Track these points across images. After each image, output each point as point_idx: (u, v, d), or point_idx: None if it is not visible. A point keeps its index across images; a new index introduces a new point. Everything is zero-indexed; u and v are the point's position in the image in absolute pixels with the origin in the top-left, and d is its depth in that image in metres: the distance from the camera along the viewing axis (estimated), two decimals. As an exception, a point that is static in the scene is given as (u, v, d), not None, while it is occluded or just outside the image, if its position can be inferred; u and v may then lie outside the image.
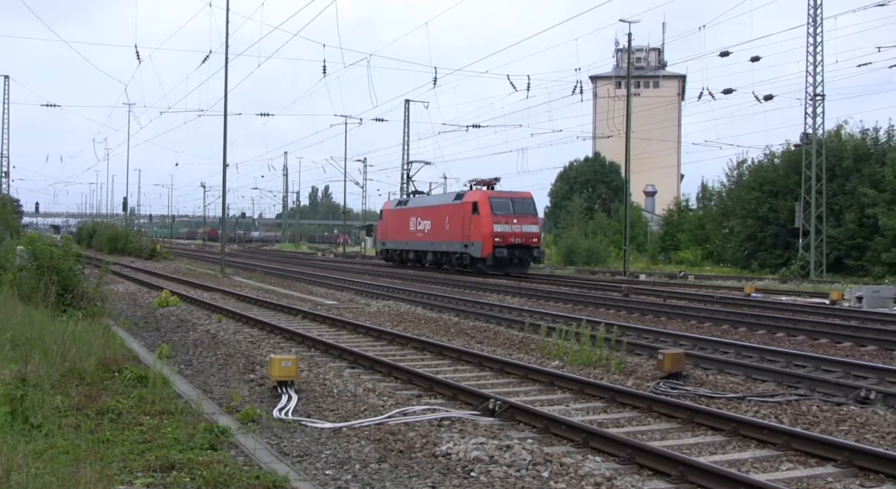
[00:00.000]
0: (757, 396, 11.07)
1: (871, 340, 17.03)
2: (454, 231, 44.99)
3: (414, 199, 54.38)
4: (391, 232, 54.37)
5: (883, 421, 9.69)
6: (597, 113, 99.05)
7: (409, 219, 51.06)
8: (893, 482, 7.35)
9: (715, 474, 7.13)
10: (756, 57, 41.06)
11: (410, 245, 51.34)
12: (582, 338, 14.35)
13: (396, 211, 54.17)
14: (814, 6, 44.79)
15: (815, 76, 45.18)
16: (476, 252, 42.71)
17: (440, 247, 47.13)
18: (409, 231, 51.21)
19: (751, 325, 19.72)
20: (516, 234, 42.14)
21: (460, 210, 44.56)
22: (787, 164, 52.01)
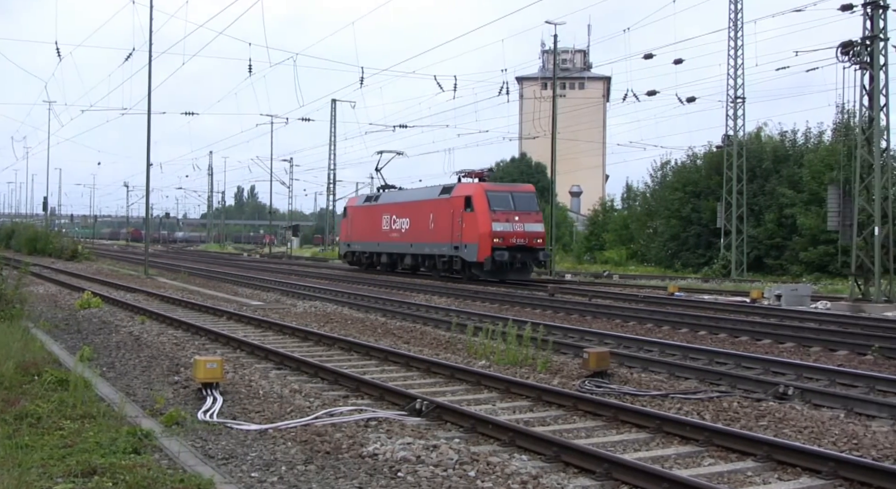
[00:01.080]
0: (680, 393, 11.24)
1: (790, 337, 17.43)
2: (441, 230, 38.69)
3: (387, 194, 47.18)
4: (358, 232, 48.03)
5: (800, 416, 9.91)
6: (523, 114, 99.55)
7: (381, 216, 44.73)
8: (810, 475, 7.53)
9: (639, 471, 7.23)
10: (679, 59, 41.60)
11: (383, 247, 45.05)
12: (508, 337, 14.43)
13: (365, 208, 47.77)
14: (735, 11, 45.66)
15: (736, 79, 46.08)
16: (470, 255, 36.58)
17: (422, 249, 40.75)
18: (380, 230, 44.89)
19: (674, 324, 20.04)
20: (518, 233, 36.26)
21: (448, 206, 38.29)
22: (709, 165, 52.97)
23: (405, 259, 42.81)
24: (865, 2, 26.62)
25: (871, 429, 9.45)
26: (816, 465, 7.59)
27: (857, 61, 26.50)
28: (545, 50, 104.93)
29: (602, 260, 63.08)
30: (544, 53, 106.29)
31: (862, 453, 8.31)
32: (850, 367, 13.72)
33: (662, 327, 19.80)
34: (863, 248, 26.73)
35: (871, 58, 26.40)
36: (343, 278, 39.27)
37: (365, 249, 47.34)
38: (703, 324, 19.73)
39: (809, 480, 7.43)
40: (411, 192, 45.47)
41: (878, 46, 26.37)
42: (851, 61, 26.56)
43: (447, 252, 38.34)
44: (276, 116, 70.12)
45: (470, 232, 36.46)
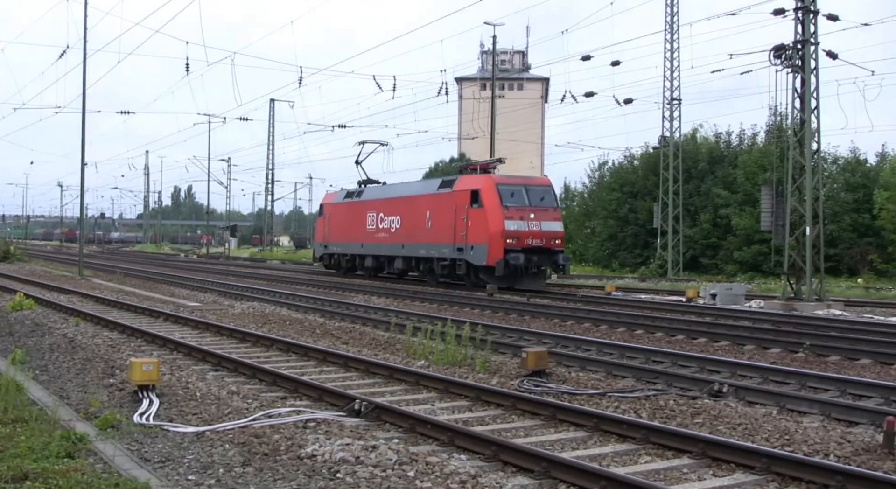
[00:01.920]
0: (617, 392, 11.35)
1: (724, 336, 17.70)
2: (440, 230, 33.91)
3: (372, 189, 42.13)
4: (337, 232, 43.10)
5: (734, 413, 10.07)
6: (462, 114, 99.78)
7: (366, 214, 39.96)
8: (744, 471, 7.65)
9: (577, 469, 7.28)
10: (616, 61, 41.95)
11: (368, 249, 40.06)
12: (447, 337, 14.46)
13: (346, 205, 42.68)
14: (671, 14, 46.26)
15: (672, 81, 46.69)
16: (478, 258, 31.64)
17: (416, 251, 35.81)
18: (364, 230, 40.05)
19: (611, 323, 20.23)
20: (535, 233, 31.32)
21: (450, 201, 33.50)
22: (645, 165, 53.60)
23: (395, 262, 37.86)
24: (797, 7, 27.10)
25: (803, 424, 9.64)
26: (750, 461, 7.71)
27: (789, 65, 26.98)
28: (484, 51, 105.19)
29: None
30: (483, 54, 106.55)
31: (794, 448, 8.47)
32: (783, 365, 13.98)
33: (600, 326, 19.98)
34: (795, 248, 27.22)
35: (803, 61, 26.90)
36: (281, 279, 39.00)
37: (345, 251, 42.63)
38: (640, 323, 19.95)
39: (743, 476, 7.55)
40: (403, 186, 40.63)
41: (809, 50, 26.88)
42: (784, 65, 27.03)
43: (448, 254, 33.49)
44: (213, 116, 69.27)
45: (477, 231, 31.70)
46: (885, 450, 8.08)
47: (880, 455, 8.05)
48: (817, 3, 27.16)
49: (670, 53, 46.36)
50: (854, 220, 44.52)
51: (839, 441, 8.71)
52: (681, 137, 48.99)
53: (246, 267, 54.35)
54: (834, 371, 13.61)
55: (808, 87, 27.00)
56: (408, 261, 37.01)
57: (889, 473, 7.45)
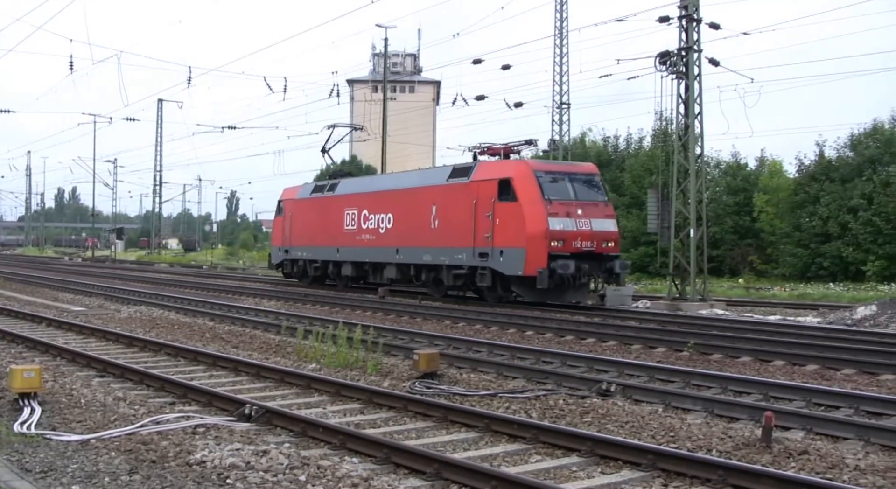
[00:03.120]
0: (508, 393, 11.47)
1: (612, 336, 18.05)
2: (453, 230, 27.25)
3: (352, 182, 35.46)
4: (302, 233, 36.38)
5: (622, 411, 10.28)
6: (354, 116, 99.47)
7: (343, 212, 33.36)
8: (630, 468, 7.82)
9: (468, 469, 7.34)
10: (507, 65, 42.45)
11: (346, 253, 33.28)
12: (339, 340, 14.40)
13: (315, 201, 35.88)
14: (560, 19, 46.97)
15: (562, 85, 47.41)
16: (511, 266, 25.08)
17: (416, 256, 29.04)
18: (340, 231, 33.39)
19: (502, 325, 20.43)
20: (584, 234, 25.03)
21: (467, 194, 26.81)
22: (535, 168, 54.19)
23: (385, 271, 30.77)
24: (681, 15, 27.80)
25: (687, 421, 9.89)
26: (637, 458, 7.88)
27: (674, 71, 27.67)
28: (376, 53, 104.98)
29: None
30: (375, 56, 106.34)
31: (678, 445, 8.68)
32: (668, 364, 14.32)
33: (491, 328, 20.15)
34: (680, 249, 27.92)
35: (687, 68, 27.61)
36: (169, 282, 38.26)
37: (314, 257, 35.66)
38: (531, 324, 20.19)
39: (630, 473, 7.71)
40: (396, 176, 33.93)
41: (693, 57, 27.60)
42: (668, 71, 27.71)
43: (466, 261, 26.72)
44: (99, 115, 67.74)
45: (510, 232, 25.17)
46: (763, 444, 8.35)
47: (759, 449, 8.32)
48: (700, 12, 27.91)
49: (559, 58, 47.08)
50: (735, 222, 45.97)
51: (721, 436, 8.96)
52: (570, 141, 49.78)
53: (133, 270, 53.12)
54: (716, 369, 14.01)
55: (692, 93, 27.73)
56: (404, 268, 30.06)
57: (766, 466, 7.71)
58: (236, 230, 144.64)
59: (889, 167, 39.75)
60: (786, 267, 42.49)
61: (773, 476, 7.04)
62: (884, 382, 12.94)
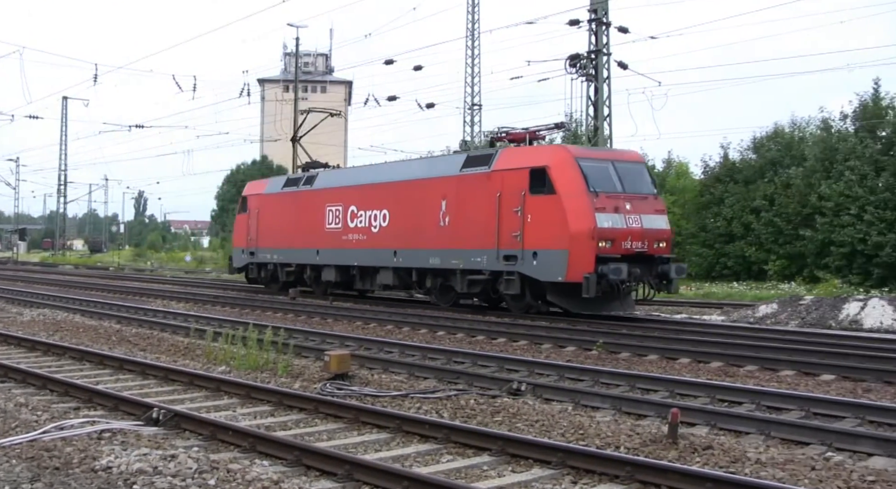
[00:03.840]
0: (419, 393, 11.49)
1: (523, 336, 18.22)
2: (470, 229, 23.43)
3: (334, 173, 31.39)
4: (272, 233, 32.24)
5: (532, 410, 10.38)
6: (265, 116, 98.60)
7: (324, 208, 29.37)
8: (541, 466, 7.90)
9: (380, 470, 7.34)
10: (419, 66, 42.57)
11: (329, 256, 29.19)
12: (249, 342, 14.26)
13: (288, 196, 31.76)
14: (472, 21, 47.24)
15: (473, 87, 47.69)
16: (548, 271, 21.28)
17: (421, 259, 25.13)
18: (322, 230, 29.41)
19: (414, 325, 20.46)
20: (635, 232, 21.24)
21: (489, 186, 22.97)
22: (447, 169, 54.38)
23: (379, 276, 27.03)
24: (590, 19, 28.22)
25: (596, 419, 10.04)
26: (547, 457, 7.97)
27: (584, 74, 28.09)
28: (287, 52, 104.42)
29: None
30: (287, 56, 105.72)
31: (587, 443, 8.81)
32: (578, 363, 14.52)
33: (403, 329, 20.16)
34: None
35: (596, 70, 28.03)
36: (74, 284, 37.41)
37: (286, 260, 31.55)
38: (442, 324, 20.25)
39: (540, 471, 7.80)
40: (393, 166, 29.29)
41: (602, 60, 28.04)
42: (578, 73, 28.13)
43: (487, 265, 22.91)
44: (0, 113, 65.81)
45: (546, 230, 21.37)
46: (669, 440, 8.52)
47: (665, 445, 8.48)
48: (609, 16, 28.36)
49: (471, 59, 47.40)
50: (643, 222, 46.64)
51: (629, 433, 9.11)
52: (481, 142, 50.06)
53: (36, 272, 51.80)
54: (625, 367, 14.24)
55: (601, 96, 28.18)
56: (403, 274, 26.26)
57: (673, 461, 7.87)
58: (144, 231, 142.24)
59: (789, 169, 40.90)
60: (692, 266, 43.36)
61: (678, 471, 7.19)
62: (784, 378, 13.31)
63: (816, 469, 7.67)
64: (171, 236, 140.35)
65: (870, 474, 7.49)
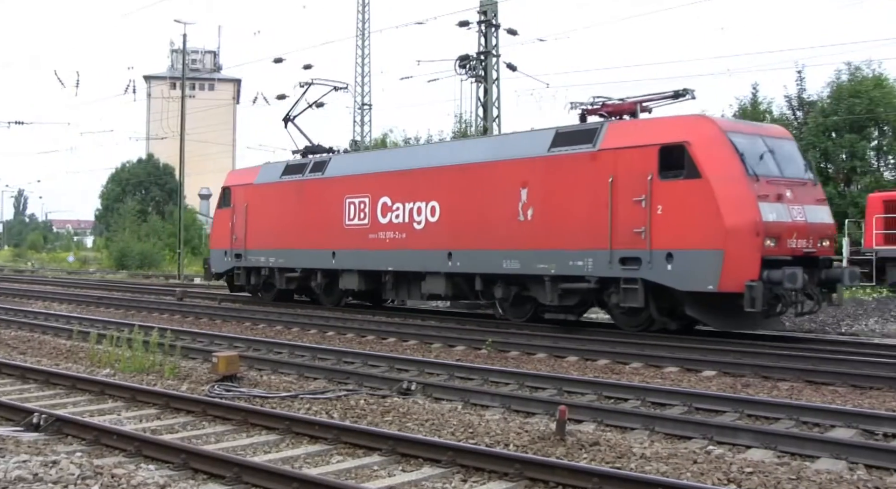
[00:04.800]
0: (309, 394, 11.43)
1: (413, 335, 18.29)
2: (567, 223, 18.64)
3: (354, 158, 26.25)
4: (266, 231, 26.84)
5: (422, 409, 10.43)
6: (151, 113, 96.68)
7: (343, 200, 24.17)
8: (431, 465, 7.94)
9: (269, 472, 7.28)
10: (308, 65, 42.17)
11: (348, 259, 23.93)
12: (134, 344, 13.97)
13: (288, 187, 26.34)
14: (362, 20, 47.13)
15: (364, 86, 47.57)
16: (691, 278, 16.65)
17: (491, 263, 20.06)
18: (337, 227, 24.28)
19: (303, 325, 20.35)
20: (800, 228, 16.97)
21: (596, 168, 18.19)
22: (337, 169, 54.20)
23: (425, 284, 21.77)
24: (480, 20, 28.45)
25: (486, 418, 10.14)
26: (437, 455, 8.01)
27: (473, 75, 28.31)
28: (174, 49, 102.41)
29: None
30: (174, 53, 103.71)
31: (477, 441, 8.88)
32: (467, 362, 14.64)
33: (292, 329, 20.04)
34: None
35: (486, 72, 28.28)
36: None
37: (288, 263, 25.97)
38: (332, 325, 20.19)
39: (431, 470, 7.84)
40: (442, 148, 24.71)
41: (491, 61, 28.31)
42: (468, 74, 28.33)
43: (594, 271, 18.04)
44: None
45: (687, 225, 16.77)
46: (557, 437, 8.66)
47: (554, 442, 8.62)
48: (499, 18, 28.65)
49: (361, 59, 47.25)
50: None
51: (518, 431, 9.22)
52: (371, 142, 50.03)
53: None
54: (514, 366, 14.42)
55: (490, 97, 28.42)
56: (461, 281, 21.24)
57: (560, 458, 8.00)
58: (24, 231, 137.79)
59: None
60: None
61: (566, 467, 7.32)
62: (668, 375, 13.65)
63: (698, 462, 7.89)
64: (52, 236, 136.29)
65: (748, 466, 7.74)
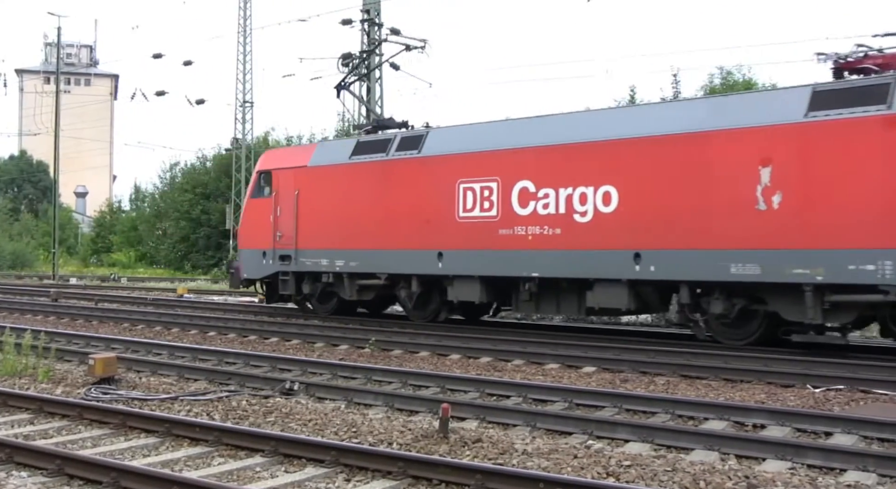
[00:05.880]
0: (190, 395, 11.25)
1: (296, 335, 18.18)
2: (850, 214, 13.93)
3: (464, 130, 19.79)
4: (328, 227, 21.35)
5: (305, 409, 10.37)
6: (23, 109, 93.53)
7: (455, 186, 18.97)
8: (314, 465, 7.90)
9: (147, 476, 7.14)
10: (189, 61, 41.61)
11: (465, 261, 18.78)
12: (6, 346, 13.50)
13: (369, 167, 20.65)
14: (244, 17, 46.50)
15: (245, 84, 46.95)
16: None
17: (705, 268, 15.42)
18: (448, 221, 19.07)
19: (184, 326, 20.01)
20: None
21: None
22: (218, 167, 53.59)
23: (594, 294, 17.09)
24: (363, 19, 28.42)
25: (369, 417, 10.14)
26: (320, 455, 7.98)
27: (356, 73, 28.25)
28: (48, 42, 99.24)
29: (110, 262, 61.20)
30: (48, 46, 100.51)
31: (360, 440, 8.88)
32: (351, 361, 14.60)
33: (172, 329, 19.68)
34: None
35: (369, 71, 28.25)
36: None
37: (371, 268, 20.39)
38: (213, 325, 19.90)
39: (314, 470, 7.80)
40: (625, 112, 21.10)
41: (374, 60, 28.30)
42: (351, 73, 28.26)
43: (894, 277, 13.48)
44: None
45: None
46: (440, 435, 8.71)
47: (437, 439, 8.67)
48: (382, 17, 28.66)
49: (243, 56, 46.61)
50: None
51: (401, 429, 9.25)
52: (253, 140, 49.47)
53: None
54: (397, 364, 14.45)
55: (373, 96, 28.41)
56: (652, 291, 16.78)
57: (444, 455, 8.06)
58: None
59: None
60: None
61: (449, 465, 7.38)
62: (548, 371, 13.88)
63: (578, 457, 8.05)
64: None
65: (626, 459, 7.93)
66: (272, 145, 54.17)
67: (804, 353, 14.53)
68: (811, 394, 11.62)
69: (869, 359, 13.97)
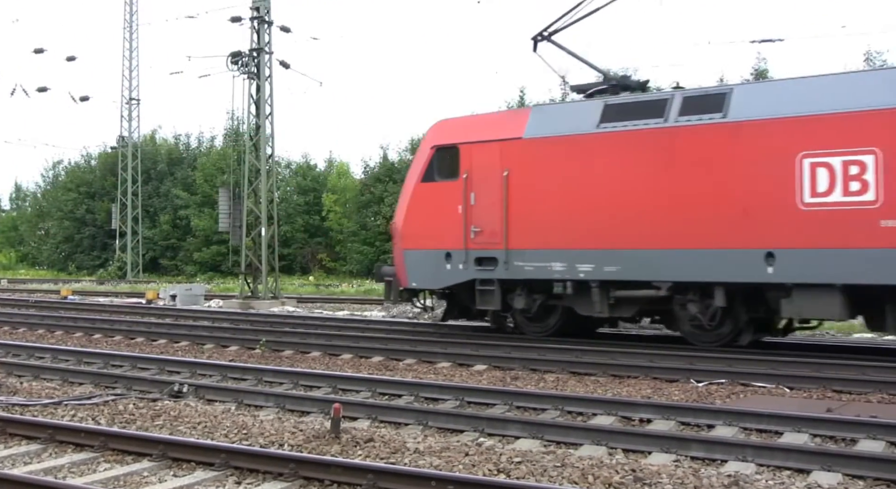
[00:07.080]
0: (74, 400, 10.97)
1: (184, 336, 17.88)
2: None
3: (828, 83, 14.01)
4: (571, 218, 15.89)
5: (194, 412, 10.21)
6: None
7: (795, 160, 13.68)
8: (204, 468, 7.80)
9: (28, 484, 6.95)
10: (72, 57, 40.47)
11: (809, 265, 13.46)
12: None
13: (640, 136, 15.26)
14: (130, 12, 45.53)
15: (131, 80, 45.98)
16: None
17: None
18: (782, 210, 13.83)
19: (67, 328, 19.51)
20: None
21: None
22: (103, 165, 52.39)
23: None
24: (252, 16, 28.11)
25: (260, 418, 10.04)
26: (210, 458, 7.87)
27: (246, 71, 27.95)
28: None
29: (-11, 264, 59.21)
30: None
31: (251, 442, 8.79)
32: (241, 362, 14.45)
33: (55, 332, 19.16)
34: (251, 248, 28.21)
35: (258, 69, 27.96)
36: None
37: (640, 275, 15.27)
38: (98, 327, 19.45)
39: (204, 473, 7.70)
40: None
41: (264, 58, 28.02)
42: (241, 71, 27.93)
43: None
44: None
45: None
46: (332, 435, 8.69)
47: (329, 440, 8.65)
48: (272, 14, 28.40)
49: (129, 52, 45.64)
50: (306, 221, 47.25)
51: (293, 430, 9.19)
52: (140, 138, 48.50)
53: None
54: (288, 365, 14.35)
55: (263, 94, 28.14)
56: None
57: (335, 456, 8.05)
58: None
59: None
60: (353, 264, 44.32)
61: (341, 465, 7.36)
62: (440, 370, 13.96)
63: (470, 455, 8.12)
64: None
65: (517, 456, 8.03)
66: (159, 144, 53.18)
67: (688, 349, 14.93)
68: (694, 389, 11.96)
69: (749, 353, 14.43)
